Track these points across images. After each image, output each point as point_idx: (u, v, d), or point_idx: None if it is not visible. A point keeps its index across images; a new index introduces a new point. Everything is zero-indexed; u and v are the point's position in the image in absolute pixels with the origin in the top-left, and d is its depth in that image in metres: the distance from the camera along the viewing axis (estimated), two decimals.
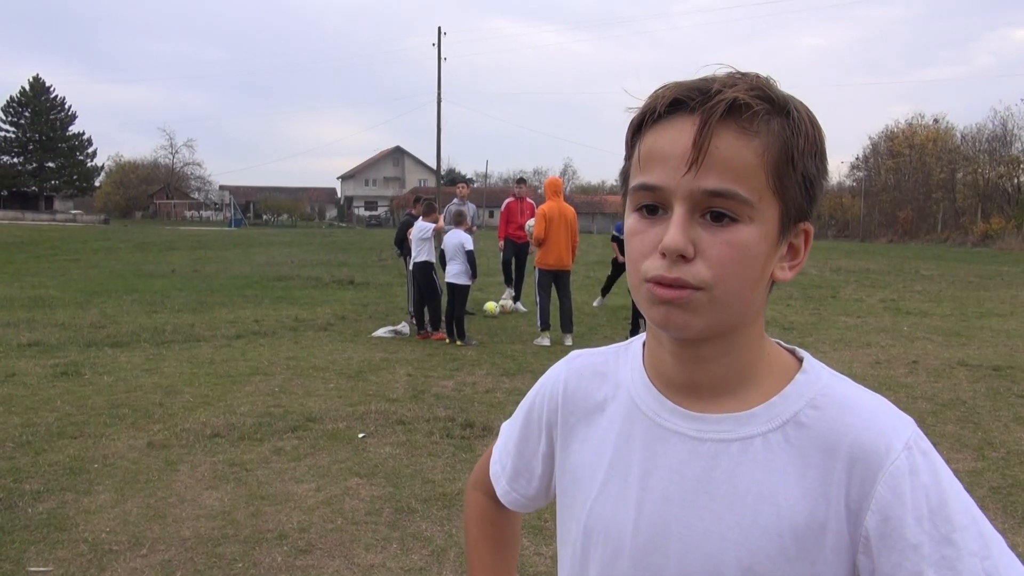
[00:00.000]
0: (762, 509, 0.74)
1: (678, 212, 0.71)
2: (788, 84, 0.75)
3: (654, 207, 0.73)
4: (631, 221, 0.76)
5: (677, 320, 0.73)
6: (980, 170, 40.52)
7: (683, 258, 0.71)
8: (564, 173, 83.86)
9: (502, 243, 11.32)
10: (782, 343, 0.83)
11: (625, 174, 0.78)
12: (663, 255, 0.71)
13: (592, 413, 0.89)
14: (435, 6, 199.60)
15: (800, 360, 0.81)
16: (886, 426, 0.74)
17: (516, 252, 11.28)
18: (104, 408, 5.55)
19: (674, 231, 0.70)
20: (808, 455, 0.74)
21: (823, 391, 0.77)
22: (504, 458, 1.01)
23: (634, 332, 8.85)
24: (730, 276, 0.71)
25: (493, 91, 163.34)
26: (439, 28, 44.56)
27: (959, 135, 44.25)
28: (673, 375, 0.80)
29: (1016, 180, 39.14)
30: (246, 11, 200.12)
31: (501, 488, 1.01)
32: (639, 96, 0.77)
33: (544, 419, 0.93)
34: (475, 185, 72.85)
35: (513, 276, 11.44)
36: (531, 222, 9.70)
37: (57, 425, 5.14)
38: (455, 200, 10.66)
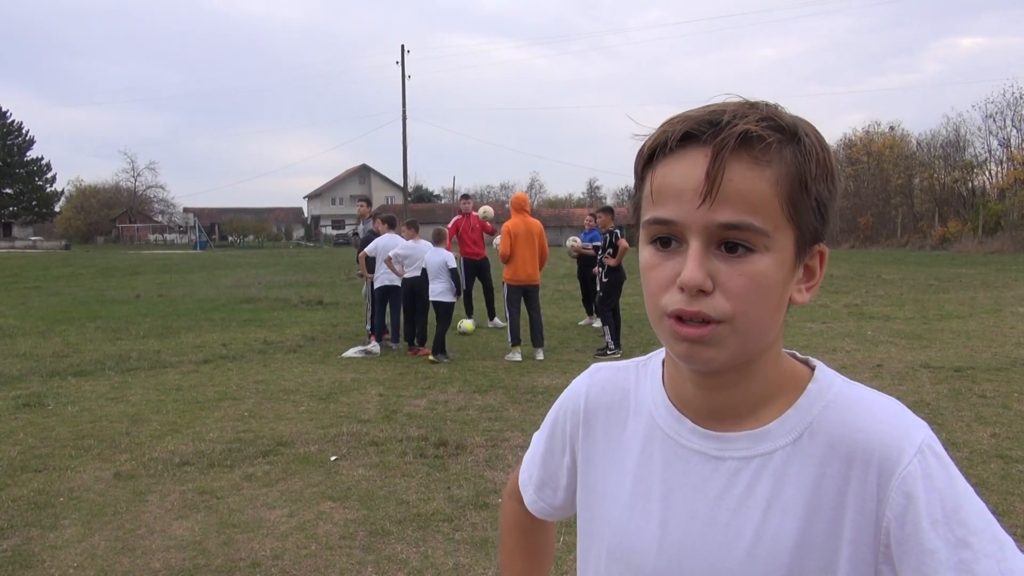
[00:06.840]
0: (784, 524, 0.75)
1: (694, 246, 0.71)
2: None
3: (668, 239, 0.73)
4: (646, 254, 0.75)
5: (701, 356, 0.73)
6: (936, 175, 41.38)
7: (702, 292, 0.70)
8: (531, 187, 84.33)
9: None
10: (797, 354, 0.84)
11: (636, 205, 0.78)
12: (682, 289, 0.71)
13: (613, 428, 0.89)
14: (395, 25, 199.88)
15: (813, 369, 0.82)
16: (898, 430, 0.74)
17: (477, 270, 11.05)
18: (69, 439, 5.44)
19: (691, 266, 0.70)
20: (824, 465, 0.75)
21: (834, 399, 0.78)
22: (532, 468, 1.02)
23: (606, 350, 8.89)
24: (750, 307, 0.71)
25: (457, 107, 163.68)
26: (403, 46, 44.70)
27: (915, 142, 45.22)
28: (693, 399, 0.81)
29: (971, 184, 40.11)
30: (201, 33, 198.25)
31: (528, 497, 1.02)
32: (646, 124, 0.76)
33: (567, 432, 0.95)
34: (443, 201, 72.93)
35: (477, 298, 11.31)
36: (497, 239, 9.75)
37: (20, 458, 5.02)
38: (364, 221, 10.21)
